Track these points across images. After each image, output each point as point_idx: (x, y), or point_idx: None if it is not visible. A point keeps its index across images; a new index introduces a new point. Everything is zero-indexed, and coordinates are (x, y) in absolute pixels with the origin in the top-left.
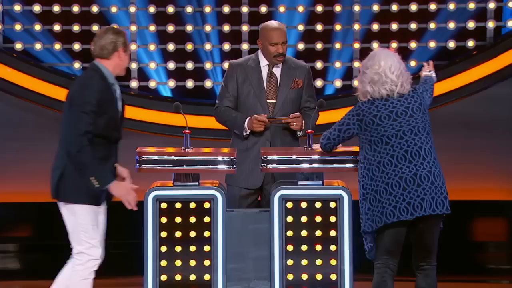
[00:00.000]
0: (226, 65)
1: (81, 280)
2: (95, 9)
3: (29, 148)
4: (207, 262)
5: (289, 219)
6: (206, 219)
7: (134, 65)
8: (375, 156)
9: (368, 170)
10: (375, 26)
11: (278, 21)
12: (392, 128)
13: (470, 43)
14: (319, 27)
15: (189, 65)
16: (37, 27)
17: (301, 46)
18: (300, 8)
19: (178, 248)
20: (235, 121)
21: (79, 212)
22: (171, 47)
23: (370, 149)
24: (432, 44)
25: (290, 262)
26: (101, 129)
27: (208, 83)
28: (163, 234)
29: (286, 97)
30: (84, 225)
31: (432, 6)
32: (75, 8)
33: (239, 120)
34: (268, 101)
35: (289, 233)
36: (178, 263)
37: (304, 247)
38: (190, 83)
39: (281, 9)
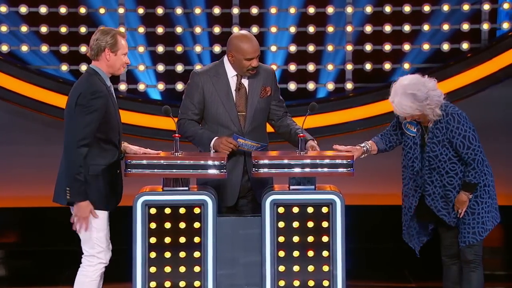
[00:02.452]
0: None
1: (90, 281)
2: (82, 10)
3: (15, 152)
4: (197, 269)
5: (281, 224)
6: (196, 225)
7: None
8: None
9: (487, 166)
10: (368, 28)
11: (248, 32)
12: None
13: (465, 45)
14: (311, 29)
15: (179, 68)
16: (24, 28)
17: (292, 48)
18: (292, 10)
19: (167, 254)
20: (201, 139)
21: (94, 217)
22: (160, 49)
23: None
24: (426, 46)
25: (281, 268)
26: (104, 132)
27: None
28: (152, 240)
29: (256, 108)
30: (98, 230)
31: (426, 8)
32: (62, 10)
33: (205, 138)
34: (238, 113)
35: (281, 239)
36: (168, 269)
37: (296, 253)
38: (180, 86)
39: (273, 10)
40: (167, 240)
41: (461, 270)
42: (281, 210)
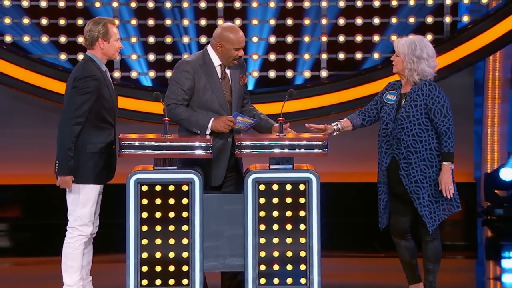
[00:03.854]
0: None
1: (73, 251)
2: (80, 4)
3: (17, 134)
4: (185, 241)
5: (262, 200)
6: (184, 201)
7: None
8: None
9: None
10: (341, 21)
11: (234, 24)
12: None
13: (429, 37)
14: (289, 21)
15: (168, 57)
16: (26, 20)
17: (272, 39)
18: (272, 4)
19: (158, 228)
20: (197, 121)
21: (83, 191)
22: (151, 39)
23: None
24: (393, 38)
25: (262, 240)
26: (99, 111)
27: None
28: (144, 214)
29: (238, 94)
30: (84, 203)
31: (394, 2)
32: (61, 3)
33: (202, 120)
34: (226, 101)
35: (262, 214)
36: (158, 241)
37: (275, 227)
38: (169, 74)
39: (254, 4)
40: (158, 214)
41: (416, 245)
42: (262, 187)
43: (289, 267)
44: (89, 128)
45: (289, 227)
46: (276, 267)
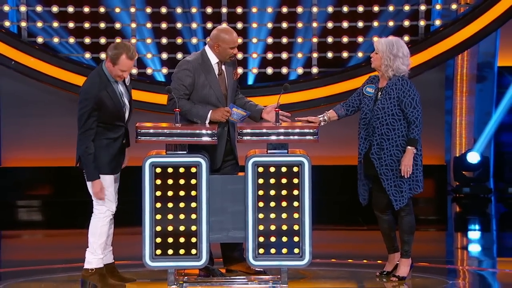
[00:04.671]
0: None
1: (102, 226)
2: (102, 9)
3: (48, 122)
4: (193, 216)
5: (260, 181)
6: (193, 181)
7: None
8: None
9: (420, 145)
10: (330, 24)
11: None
12: None
13: (406, 38)
14: (284, 24)
15: (179, 56)
16: (55, 24)
17: (270, 40)
18: (269, 9)
19: (170, 205)
20: (198, 112)
21: (102, 179)
22: (164, 40)
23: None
24: (375, 39)
25: (261, 215)
26: (104, 118)
27: None
28: (158, 193)
29: (232, 88)
30: (106, 188)
31: (376, 8)
32: (86, 9)
33: (202, 111)
34: (222, 94)
35: (261, 192)
36: (170, 216)
37: (272, 204)
38: None
39: (254, 10)
40: (170, 193)
41: (394, 219)
42: (260, 169)
43: (284, 239)
44: (100, 128)
45: (284, 204)
46: (273, 239)
